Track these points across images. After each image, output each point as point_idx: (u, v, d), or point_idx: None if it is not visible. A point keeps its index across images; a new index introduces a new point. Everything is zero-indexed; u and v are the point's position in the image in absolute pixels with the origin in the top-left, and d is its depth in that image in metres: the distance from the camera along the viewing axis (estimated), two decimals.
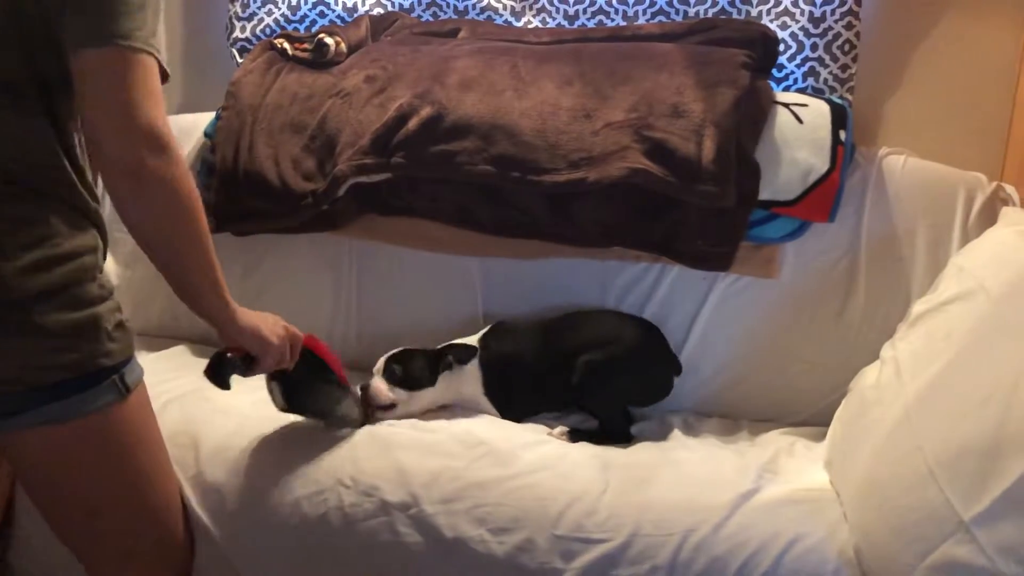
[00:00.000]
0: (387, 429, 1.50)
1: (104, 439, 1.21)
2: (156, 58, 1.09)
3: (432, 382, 1.61)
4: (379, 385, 1.57)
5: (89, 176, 1.19)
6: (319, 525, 1.36)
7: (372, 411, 1.56)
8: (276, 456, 1.43)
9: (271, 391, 1.42)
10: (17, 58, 1.09)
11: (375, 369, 1.61)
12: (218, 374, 1.27)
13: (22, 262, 1.09)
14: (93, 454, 1.21)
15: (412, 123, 1.72)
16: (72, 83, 1.10)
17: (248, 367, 1.28)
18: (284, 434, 1.48)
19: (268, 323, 1.29)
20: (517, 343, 1.68)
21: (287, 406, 1.43)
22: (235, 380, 1.31)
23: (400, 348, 1.64)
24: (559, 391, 1.65)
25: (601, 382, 1.60)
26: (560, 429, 1.58)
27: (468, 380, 1.65)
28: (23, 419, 1.13)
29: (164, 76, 1.12)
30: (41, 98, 1.11)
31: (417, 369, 1.60)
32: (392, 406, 1.57)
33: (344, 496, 1.37)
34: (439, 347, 1.65)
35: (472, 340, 1.68)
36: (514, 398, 1.65)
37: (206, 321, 1.22)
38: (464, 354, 1.63)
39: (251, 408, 1.54)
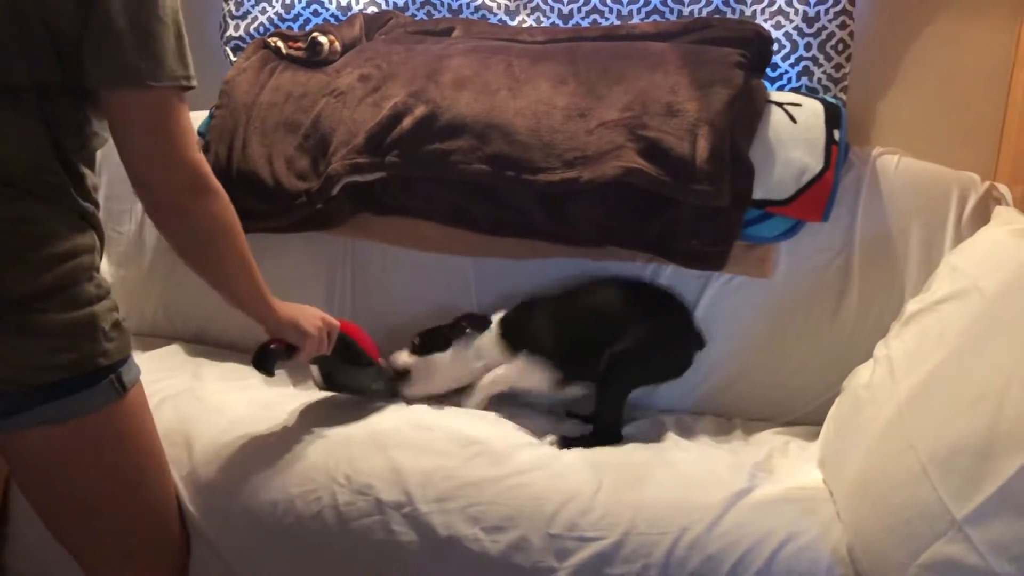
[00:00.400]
0: (382, 427, 1.50)
1: (102, 439, 1.21)
2: (184, 83, 1.12)
3: (443, 348, 1.66)
4: (397, 353, 1.67)
5: (88, 181, 1.19)
6: (313, 524, 1.36)
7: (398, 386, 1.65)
8: (270, 454, 1.43)
9: (311, 372, 1.58)
10: (15, 60, 1.08)
11: None
12: (263, 363, 1.40)
13: (22, 264, 1.10)
14: (91, 454, 1.21)
15: (406, 122, 1.72)
16: (68, 87, 1.10)
17: (290, 355, 1.40)
18: (278, 432, 1.48)
19: (307, 315, 1.40)
20: (538, 315, 1.69)
21: (325, 385, 1.59)
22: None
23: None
24: (581, 366, 1.65)
25: (625, 370, 1.61)
26: (550, 438, 1.58)
27: (492, 347, 1.66)
28: (21, 419, 1.13)
29: (188, 88, 1.15)
30: (37, 101, 1.11)
31: (430, 335, 1.67)
32: (406, 371, 1.65)
33: (338, 495, 1.37)
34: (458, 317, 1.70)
35: (498, 314, 1.71)
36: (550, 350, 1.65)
37: (254, 320, 1.32)
38: (478, 322, 1.67)
39: (244, 407, 1.55)
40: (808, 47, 1.86)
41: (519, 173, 1.68)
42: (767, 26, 1.86)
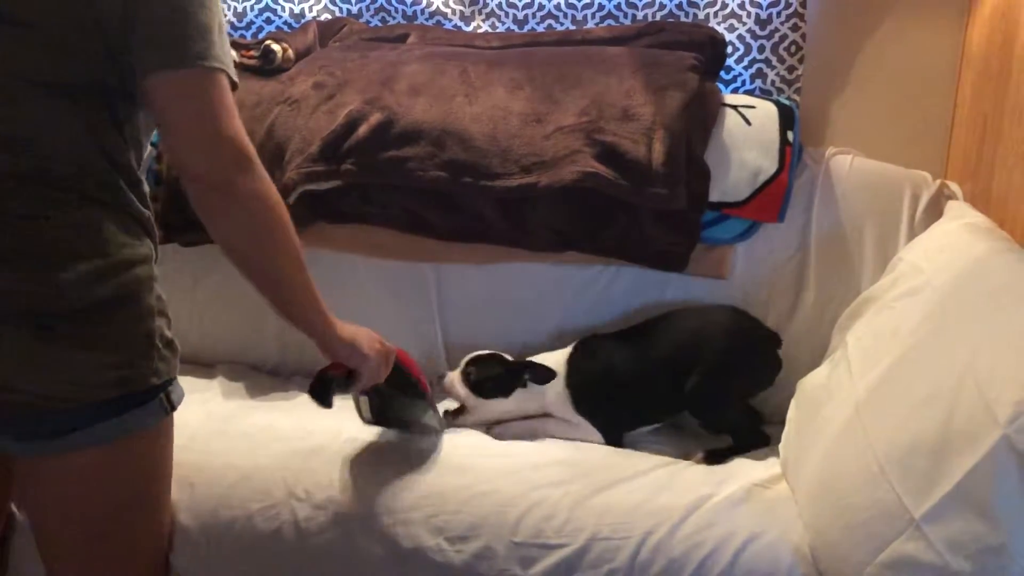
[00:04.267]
0: (342, 440, 1.48)
1: (140, 460, 1.18)
2: (228, 75, 1.09)
3: (506, 394, 1.59)
4: (454, 382, 1.59)
5: (144, 187, 1.16)
6: (273, 541, 1.34)
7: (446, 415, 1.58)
8: (226, 471, 1.40)
9: (359, 404, 1.43)
10: (69, 59, 1.05)
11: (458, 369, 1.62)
12: (322, 393, 1.28)
13: (79, 271, 1.06)
14: (126, 475, 1.17)
15: (362, 130, 1.71)
16: (119, 88, 1.08)
17: (348, 384, 1.29)
18: (234, 448, 1.45)
19: (365, 336, 1.28)
20: (606, 358, 1.64)
21: (374, 420, 1.45)
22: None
23: (486, 352, 1.62)
24: (662, 401, 1.63)
25: (715, 399, 1.59)
26: (698, 456, 1.55)
27: (556, 401, 1.61)
28: (72, 440, 1.08)
29: (233, 86, 1.12)
30: (90, 101, 1.07)
31: (491, 379, 1.59)
32: (461, 408, 1.60)
33: (298, 510, 1.35)
34: (521, 361, 1.62)
35: (560, 356, 1.64)
36: (614, 414, 1.62)
37: (309, 335, 1.22)
38: (542, 375, 1.59)
39: (202, 421, 1.52)
40: (761, 49, 1.87)
41: (476, 179, 1.67)
42: (720, 29, 1.87)
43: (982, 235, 1.46)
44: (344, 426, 1.54)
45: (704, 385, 1.57)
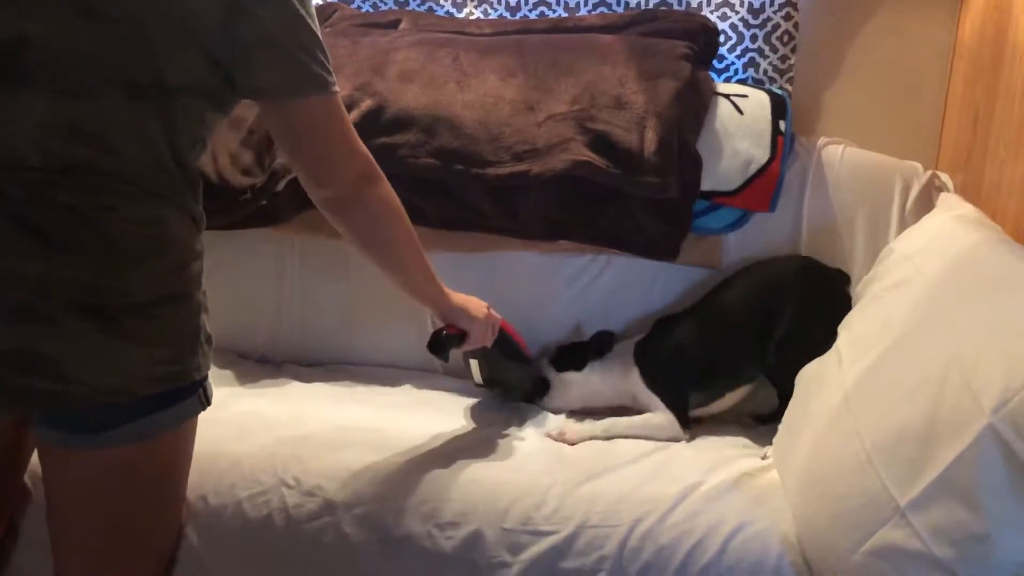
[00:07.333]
0: (332, 427, 1.48)
1: (172, 454, 1.19)
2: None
3: (579, 367, 1.67)
4: (542, 360, 1.71)
5: (200, 186, 1.17)
6: (262, 528, 1.33)
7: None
8: (216, 458, 1.40)
9: (471, 367, 1.60)
10: (141, 59, 1.04)
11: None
12: (439, 348, 1.44)
13: (145, 266, 1.07)
14: (159, 468, 1.17)
15: (352, 116, 1.70)
16: (196, 89, 1.08)
17: (461, 341, 1.45)
18: (223, 435, 1.45)
19: (473, 303, 1.44)
20: (673, 333, 1.66)
21: (484, 382, 1.62)
22: None
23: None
24: (736, 368, 1.63)
25: (796, 351, 1.55)
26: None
27: (629, 377, 1.65)
28: (118, 434, 1.09)
29: None
30: (163, 101, 1.06)
31: (564, 353, 1.70)
32: (545, 382, 1.68)
33: (287, 497, 1.35)
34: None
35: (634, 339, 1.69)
36: (682, 389, 1.62)
37: (426, 305, 1.40)
38: (601, 342, 1.68)
39: None
40: (754, 38, 1.87)
41: (468, 167, 1.67)
42: (713, 18, 1.87)
43: (972, 226, 1.47)
44: (334, 413, 1.54)
45: (791, 339, 1.56)
